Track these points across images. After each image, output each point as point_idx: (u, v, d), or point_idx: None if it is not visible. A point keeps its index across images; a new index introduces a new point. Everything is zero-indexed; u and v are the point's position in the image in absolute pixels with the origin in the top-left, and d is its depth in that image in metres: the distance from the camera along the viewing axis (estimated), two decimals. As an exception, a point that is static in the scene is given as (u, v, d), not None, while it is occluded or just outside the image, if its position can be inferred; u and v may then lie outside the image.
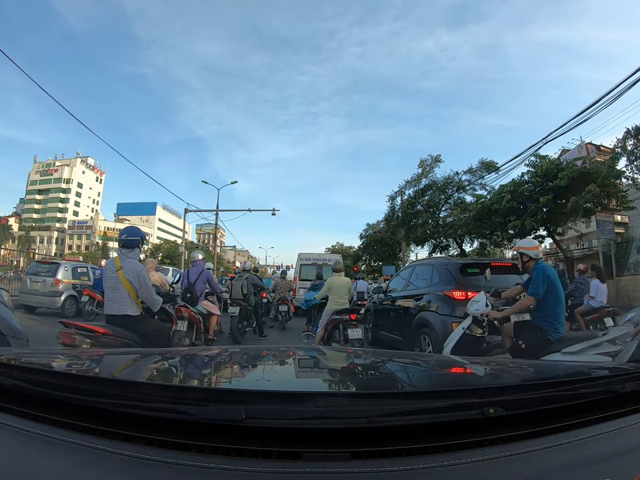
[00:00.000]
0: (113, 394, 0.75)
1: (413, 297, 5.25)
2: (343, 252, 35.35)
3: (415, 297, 5.19)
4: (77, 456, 0.64)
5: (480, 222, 13.55)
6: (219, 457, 0.63)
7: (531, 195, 11.71)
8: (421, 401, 0.76)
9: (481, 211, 13.38)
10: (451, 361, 1.68)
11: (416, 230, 17.49)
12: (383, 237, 25.95)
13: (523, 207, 11.76)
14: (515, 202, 11.73)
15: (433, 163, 17.35)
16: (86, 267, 11.36)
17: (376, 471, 0.59)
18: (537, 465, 0.62)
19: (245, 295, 7.19)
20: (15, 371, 0.84)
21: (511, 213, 11.93)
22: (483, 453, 0.64)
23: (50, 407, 0.76)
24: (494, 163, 16.02)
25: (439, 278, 4.84)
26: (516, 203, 11.72)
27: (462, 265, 4.80)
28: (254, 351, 2.02)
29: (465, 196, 17.22)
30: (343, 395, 0.87)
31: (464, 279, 4.51)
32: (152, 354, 1.84)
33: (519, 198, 11.85)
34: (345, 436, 0.68)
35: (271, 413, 0.70)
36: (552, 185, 11.15)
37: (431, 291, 4.84)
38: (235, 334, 6.73)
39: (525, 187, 12.10)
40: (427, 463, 0.61)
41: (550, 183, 11.28)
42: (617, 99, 8.99)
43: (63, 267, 10.16)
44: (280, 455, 0.63)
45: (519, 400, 0.77)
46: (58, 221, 70.57)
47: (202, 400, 0.72)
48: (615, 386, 0.82)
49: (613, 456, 0.66)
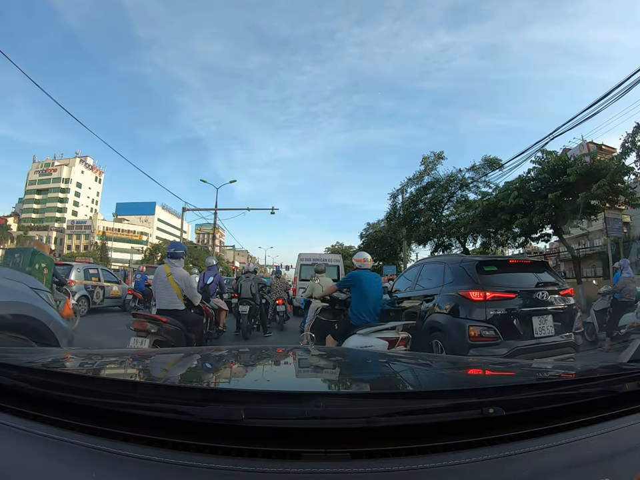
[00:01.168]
0: (113, 394, 0.74)
1: (422, 297, 4.82)
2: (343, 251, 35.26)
3: (424, 298, 4.76)
4: (77, 456, 0.63)
5: (486, 219, 13.06)
6: (218, 456, 0.62)
7: (538, 192, 11.30)
8: (421, 400, 0.76)
9: (487, 208, 12.84)
10: (450, 361, 1.69)
11: (418, 229, 17.09)
12: (384, 236, 25.56)
13: (529, 204, 11.36)
14: (522, 199, 11.33)
15: (435, 159, 16.87)
16: (97, 268, 12.56)
17: (376, 471, 0.59)
18: (537, 464, 0.62)
19: (254, 294, 7.82)
20: (15, 371, 0.84)
21: (518, 210, 11.53)
22: (482, 453, 0.64)
23: (50, 407, 0.76)
24: (498, 160, 15.53)
25: (452, 277, 4.42)
26: (523, 200, 11.33)
27: (478, 262, 4.36)
28: (254, 350, 2.02)
29: (469, 194, 16.79)
30: (342, 395, 0.87)
31: (481, 277, 4.09)
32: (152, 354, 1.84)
33: (525, 195, 11.45)
34: (344, 436, 0.68)
35: (271, 412, 0.70)
36: (559, 181, 10.75)
37: (443, 292, 4.41)
38: (245, 331, 7.38)
39: (532, 183, 11.66)
40: (427, 462, 0.61)
41: (557, 179, 10.87)
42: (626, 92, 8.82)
43: (76, 269, 11.15)
44: (280, 455, 0.63)
45: (519, 400, 0.76)
46: (57, 220, 70.46)
47: (202, 400, 0.72)
48: (614, 386, 0.82)
49: (612, 456, 0.66)
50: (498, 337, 3.74)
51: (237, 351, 1.99)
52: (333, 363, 1.59)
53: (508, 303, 3.91)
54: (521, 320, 3.87)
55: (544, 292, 4.01)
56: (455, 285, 4.27)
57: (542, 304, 3.97)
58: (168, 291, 4.18)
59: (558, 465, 0.63)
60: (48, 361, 1.15)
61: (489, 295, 3.88)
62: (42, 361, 1.12)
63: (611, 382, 0.83)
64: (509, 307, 3.88)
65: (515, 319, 3.86)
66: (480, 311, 3.84)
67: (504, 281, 4.15)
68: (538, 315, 3.92)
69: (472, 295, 3.93)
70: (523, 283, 4.18)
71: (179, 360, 1.54)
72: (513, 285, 4.09)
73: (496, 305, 3.86)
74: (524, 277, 4.30)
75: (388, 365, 1.49)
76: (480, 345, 3.74)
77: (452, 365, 1.52)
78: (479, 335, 3.74)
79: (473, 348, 3.73)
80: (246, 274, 8.64)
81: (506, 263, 4.66)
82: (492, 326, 3.76)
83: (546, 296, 3.99)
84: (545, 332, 3.91)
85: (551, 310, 4.01)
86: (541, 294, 3.99)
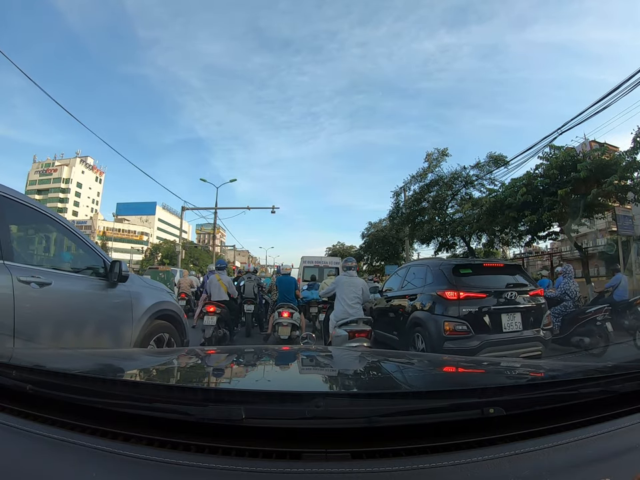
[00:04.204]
0: (113, 394, 0.75)
1: (407, 296, 5.36)
2: (344, 252, 35.19)
3: (409, 296, 5.29)
4: (77, 456, 0.64)
5: (493, 217, 12.67)
6: (219, 457, 0.63)
7: (546, 188, 10.92)
8: (421, 400, 0.76)
9: (494, 205, 12.47)
10: (451, 361, 1.68)
11: (422, 227, 16.77)
12: (386, 235, 25.24)
13: (537, 201, 10.99)
14: (530, 196, 10.96)
15: (439, 156, 16.44)
16: None
17: (376, 471, 0.59)
18: (537, 464, 0.62)
19: (256, 294, 8.34)
20: (15, 371, 0.84)
21: (526, 207, 11.16)
22: (482, 452, 0.64)
23: (50, 407, 0.76)
24: (503, 157, 15.13)
25: (432, 278, 4.93)
26: (531, 196, 10.95)
27: (455, 265, 4.87)
28: (254, 350, 2.02)
29: (473, 191, 16.37)
30: (343, 395, 0.87)
31: (457, 279, 4.59)
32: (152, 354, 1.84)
33: (533, 192, 11.06)
34: (345, 436, 0.68)
35: (271, 412, 0.70)
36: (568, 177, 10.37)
37: (424, 291, 4.94)
38: (249, 327, 7.95)
39: (540, 180, 11.23)
40: (427, 462, 0.61)
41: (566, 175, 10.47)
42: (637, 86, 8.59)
43: None
44: (280, 455, 0.63)
45: (519, 400, 0.76)
46: (57, 221, 70.26)
47: (202, 400, 0.72)
48: (614, 386, 0.82)
49: (613, 456, 0.66)
50: (470, 331, 4.20)
51: (238, 351, 1.99)
52: (333, 363, 1.59)
53: (479, 301, 4.36)
54: (491, 316, 4.32)
55: (513, 292, 4.46)
56: (434, 285, 4.75)
57: (510, 303, 4.43)
58: (220, 290, 6.63)
59: (558, 464, 0.63)
60: (48, 361, 1.15)
61: (462, 294, 4.35)
62: (42, 361, 1.12)
63: (611, 382, 0.83)
64: (480, 305, 4.34)
65: (485, 316, 4.31)
66: (454, 309, 4.31)
67: (477, 283, 4.60)
68: (507, 313, 4.37)
69: (447, 294, 4.42)
70: (494, 284, 4.61)
71: (180, 360, 1.54)
72: (485, 286, 4.54)
73: (468, 303, 4.33)
74: (496, 278, 4.75)
75: (389, 365, 1.49)
76: (454, 338, 4.20)
77: (452, 365, 1.52)
78: (452, 329, 4.21)
79: (447, 341, 4.20)
80: (247, 274, 9.13)
81: (480, 267, 5.08)
82: (464, 322, 4.22)
83: (515, 296, 4.45)
84: (513, 327, 4.36)
85: (519, 308, 4.46)
86: (510, 294, 4.44)
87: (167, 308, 3.31)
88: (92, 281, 2.71)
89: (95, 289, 2.70)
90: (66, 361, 1.27)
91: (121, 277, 2.79)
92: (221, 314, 6.26)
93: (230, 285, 6.83)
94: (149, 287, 3.35)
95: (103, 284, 2.74)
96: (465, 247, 17.46)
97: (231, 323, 6.88)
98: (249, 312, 7.92)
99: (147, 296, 3.13)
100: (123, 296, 2.87)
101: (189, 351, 2.19)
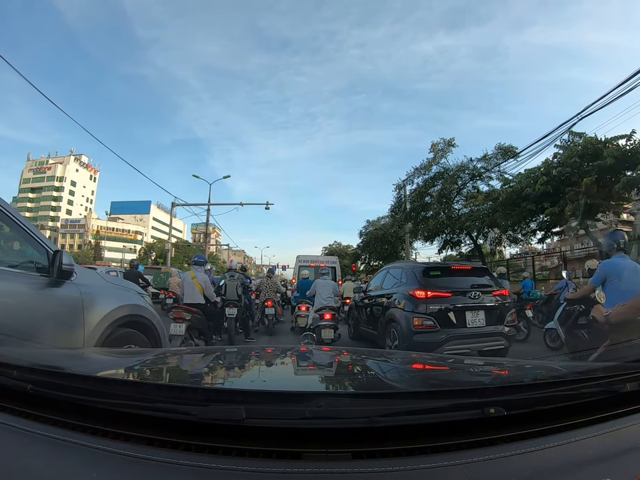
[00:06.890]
0: (114, 394, 0.74)
1: (385, 296, 5.84)
2: (341, 251, 35.13)
3: (387, 296, 5.77)
4: (77, 456, 0.63)
5: (511, 209, 11.66)
6: (219, 457, 0.62)
7: (567, 178, 10.05)
8: (422, 400, 0.76)
9: (510, 196, 11.46)
10: (451, 361, 1.69)
11: (426, 223, 15.69)
12: (385, 233, 23.83)
13: (557, 192, 10.19)
14: (550, 186, 10.13)
15: (445, 147, 15.41)
16: (116, 271, 13.65)
17: (377, 471, 0.59)
18: (537, 464, 0.63)
19: (240, 295, 7.23)
20: (15, 371, 0.84)
21: (545, 199, 10.29)
22: (482, 452, 0.64)
23: (50, 407, 0.76)
24: (513, 148, 14.10)
25: (406, 279, 5.45)
26: (550, 187, 10.13)
27: (425, 268, 5.43)
28: (254, 350, 2.01)
29: (481, 185, 15.39)
30: (343, 395, 0.87)
31: (426, 280, 5.07)
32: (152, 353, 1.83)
33: (552, 182, 10.20)
34: (345, 436, 0.68)
35: (272, 412, 0.70)
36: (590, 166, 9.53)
37: (398, 291, 5.43)
38: (232, 335, 6.65)
39: (558, 169, 10.26)
40: (427, 462, 0.62)
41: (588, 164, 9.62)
42: None
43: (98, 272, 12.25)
44: (281, 455, 0.63)
45: (519, 400, 0.77)
46: (51, 219, 69.74)
47: (202, 400, 0.72)
48: (615, 386, 0.82)
49: (613, 456, 0.66)
50: (436, 326, 4.67)
51: (238, 351, 1.98)
52: (334, 363, 1.59)
53: (445, 300, 4.84)
54: (456, 313, 4.78)
55: (477, 292, 4.93)
56: (407, 286, 5.27)
57: (474, 301, 4.89)
58: (194, 290, 5.46)
59: (558, 464, 0.63)
60: (48, 360, 1.14)
61: (430, 293, 4.84)
62: (42, 360, 1.11)
63: (612, 382, 0.83)
64: (446, 303, 4.81)
65: (450, 313, 4.78)
66: (422, 306, 4.79)
67: (444, 283, 5.09)
68: (470, 310, 4.83)
69: (417, 293, 4.91)
70: (460, 284, 5.09)
71: (180, 360, 1.53)
72: (451, 286, 5.03)
73: (435, 301, 4.81)
74: (462, 280, 5.22)
75: (389, 365, 1.50)
76: (422, 332, 4.68)
77: (452, 365, 1.53)
78: (420, 324, 4.71)
79: (416, 334, 4.68)
80: (229, 272, 7.72)
81: (449, 269, 5.67)
82: (431, 317, 4.71)
83: (478, 295, 4.91)
84: (477, 323, 4.82)
85: (482, 306, 4.90)
86: (473, 293, 4.90)
87: (136, 313, 2.70)
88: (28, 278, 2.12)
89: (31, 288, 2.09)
90: (67, 361, 1.26)
91: (61, 273, 2.15)
92: (191, 320, 5.05)
93: (207, 286, 5.56)
94: (112, 287, 2.74)
95: (43, 282, 2.14)
96: (470, 245, 16.67)
97: (208, 331, 5.53)
98: (231, 317, 6.61)
99: (106, 298, 2.53)
100: (69, 297, 2.26)
101: (189, 351, 2.18)
